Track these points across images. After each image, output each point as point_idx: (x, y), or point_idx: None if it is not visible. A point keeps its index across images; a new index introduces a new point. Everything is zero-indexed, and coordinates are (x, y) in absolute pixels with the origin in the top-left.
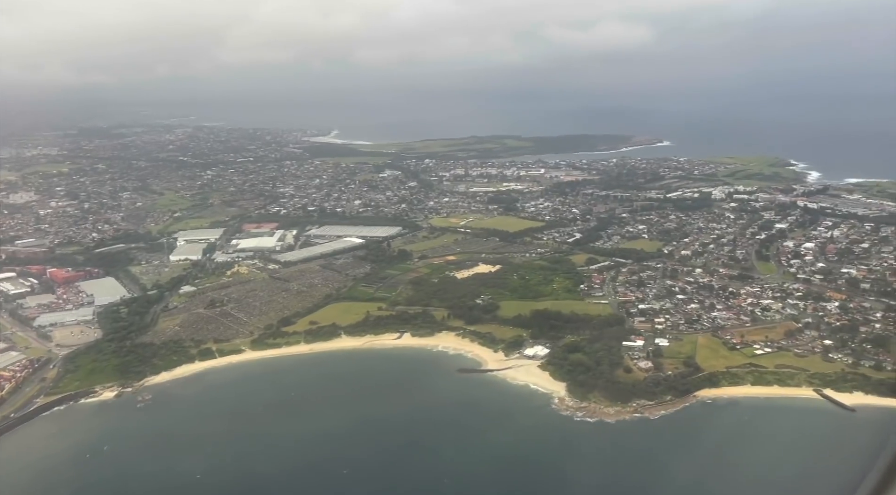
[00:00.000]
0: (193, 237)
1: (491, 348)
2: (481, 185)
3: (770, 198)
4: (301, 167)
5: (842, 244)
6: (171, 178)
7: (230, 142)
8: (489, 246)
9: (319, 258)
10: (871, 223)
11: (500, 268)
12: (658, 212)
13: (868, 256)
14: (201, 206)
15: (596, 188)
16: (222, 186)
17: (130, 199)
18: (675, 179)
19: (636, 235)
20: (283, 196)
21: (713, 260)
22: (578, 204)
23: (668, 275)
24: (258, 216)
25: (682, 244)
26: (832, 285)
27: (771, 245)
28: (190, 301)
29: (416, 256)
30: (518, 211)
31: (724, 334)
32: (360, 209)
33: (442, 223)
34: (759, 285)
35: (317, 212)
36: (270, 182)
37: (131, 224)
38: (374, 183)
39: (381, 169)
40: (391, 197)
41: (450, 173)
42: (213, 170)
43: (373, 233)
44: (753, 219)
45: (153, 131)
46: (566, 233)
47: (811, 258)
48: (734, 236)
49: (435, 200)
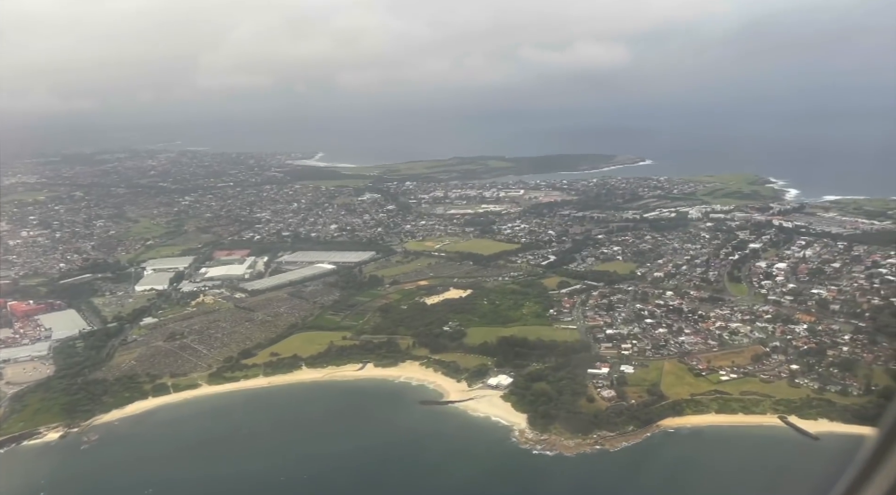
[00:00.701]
0: (162, 266)
1: (454, 378)
2: (460, 207)
3: (746, 216)
4: (280, 191)
5: (814, 264)
6: (148, 205)
7: (213, 166)
8: (462, 270)
9: (288, 285)
10: (844, 242)
11: (470, 294)
12: (634, 233)
13: (839, 276)
14: (175, 233)
15: (574, 209)
16: (199, 212)
17: (104, 227)
18: (653, 199)
19: (610, 257)
20: (259, 221)
21: (685, 282)
22: (555, 225)
23: (639, 299)
24: (231, 243)
25: (655, 265)
26: (802, 307)
27: (743, 265)
28: (150, 333)
29: (387, 282)
30: (494, 233)
31: (690, 360)
32: (336, 233)
33: (417, 247)
34: (729, 307)
35: (291, 238)
36: (248, 207)
37: (101, 253)
38: (353, 206)
39: (361, 192)
40: (368, 220)
41: (429, 195)
42: (192, 195)
43: (345, 258)
44: (728, 239)
45: (136, 157)
46: (541, 255)
47: (782, 279)
48: (708, 257)
49: (412, 223)
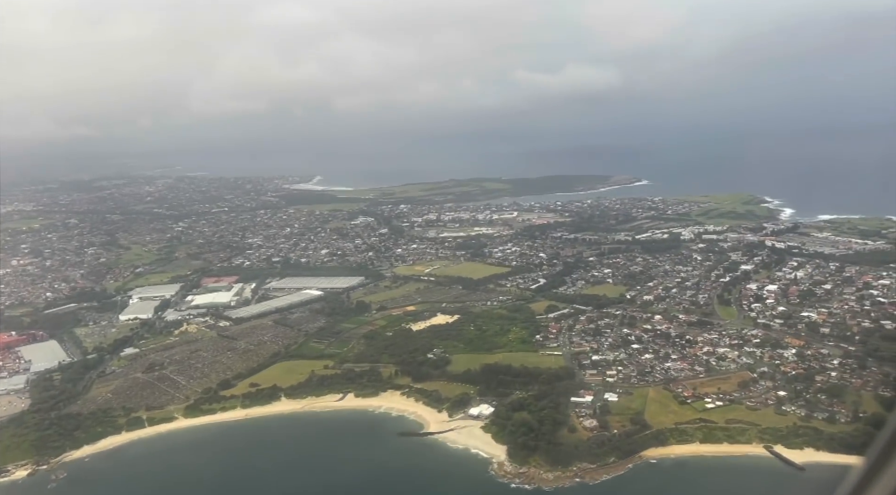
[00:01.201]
0: (148, 294)
1: (435, 408)
2: (452, 230)
3: (738, 237)
4: (274, 216)
5: (805, 286)
6: (141, 231)
7: (210, 192)
8: (451, 294)
9: (274, 313)
10: (836, 262)
11: (457, 319)
12: (625, 255)
13: (830, 298)
14: (166, 260)
15: (566, 231)
16: (191, 239)
17: (95, 255)
18: (646, 220)
19: (601, 280)
20: (250, 247)
21: (675, 305)
22: (546, 248)
23: (626, 323)
24: (220, 269)
25: (645, 288)
26: (791, 330)
27: (734, 288)
28: (129, 364)
29: (374, 308)
30: (485, 256)
31: (675, 387)
32: (326, 259)
33: (406, 271)
34: (718, 332)
35: (280, 264)
36: (240, 233)
37: (90, 281)
38: (345, 230)
39: (354, 216)
40: (360, 245)
41: (422, 218)
42: (186, 221)
43: (334, 284)
44: (720, 261)
45: (134, 183)
46: (530, 278)
47: (772, 301)
48: (699, 279)
49: (403, 247)
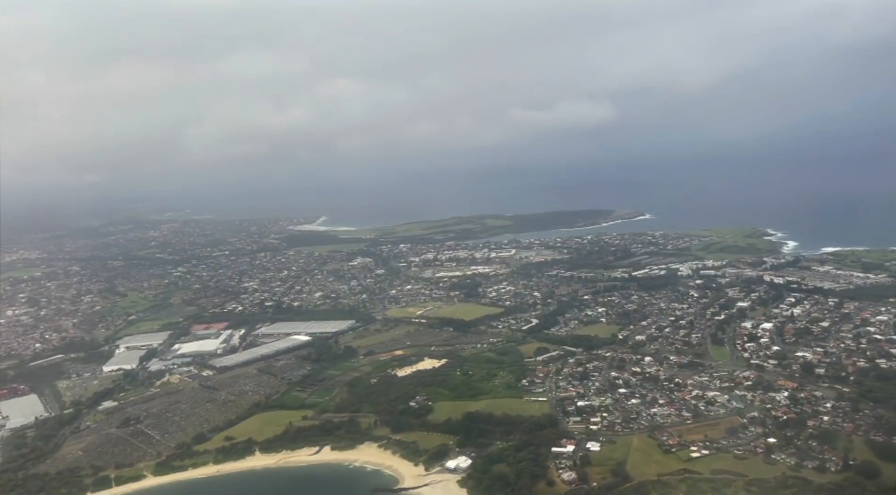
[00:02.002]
0: (136, 343)
1: (412, 461)
2: (449, 270)
3: (737, 273)
4: (273, 258)
5: (801, 323)
6: (139, 278)
7: (214, 235)
8: (441, 337)
9: (260, 360)
10: (835, 298)
11: (444, 363)
12: (621, 293)
13: (826, 337)
14: (161, 307)
15: (563, 268)
16: (189, 284)
17: (90, 303)
18: (645, 256)
19: (594, 319)
20: (245, 291)
21: (667, 345)
22: (542, 286)
23: (615, 366)
24: (212, 315)
25: (638, 328)
26: (785, 371)
27: (729, 326)
28: (106, 419)
29: (362, 353)
30: (479, 296)
31: (661, 434)
32: (320, 302)
33: (398, 314)
34: (709, 374)
35: (273, 308)
36: (238, 276)
37: (82, 330)
38: (342, 272)
39: (353, 256)
40: (355, 286)
41: (419, 258)
42: (185, 266)
43: (324, 328)
44: (716, 298)
45: (140, 228)
46: (523, 319)
47: (767, 340)
48: (693, 317)
49: (398, 288)
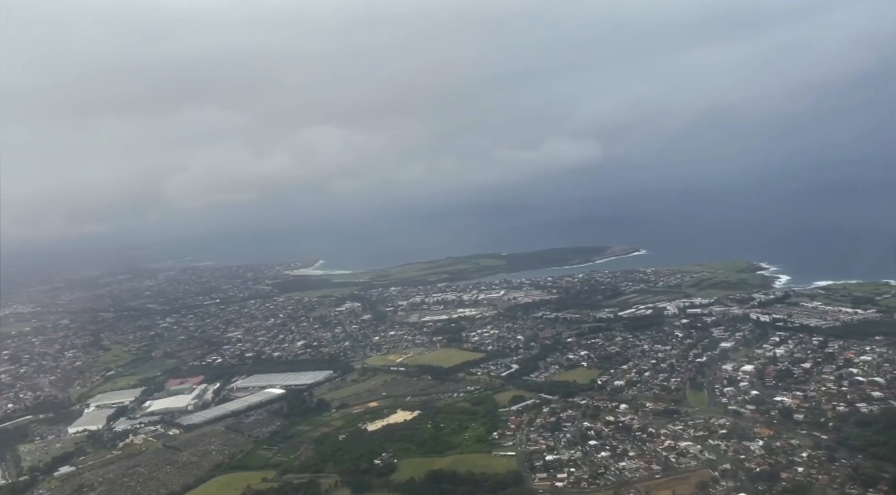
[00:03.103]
0: (107, 401)
1: None
2: (436, 314)
3: (723, 311)
4: (263, 306)
5: (783, 364)
6: (126, 330)
7: (210, 282)
8: (418, 386)
9: (230, 416)
10: (820, 336)
11: (417, 415)
12: (606, 334)
13: (807, 379)
14: (142, 360)
15: (549, 309)
16: (174, 335)
17: (72, 359)
18: (634, 294)
19: (575, 363)
20: (229, 341)
21: (645, 391)
22: (526, 329)
23: (589, 415)
24: (191, 368)
25: (619, 372)
26: (763, 418)
27: (709, 369)
28: (60, 486)
29: (334, 406)
30: (462, 341)
31: (627, 490)
32: (300, 351)
33: (378, 362)
34: (684, 422)
35: (252, 359)
36: (224, 326)
37: (57, 388)
38: (328, 319)
39: (342, 301)
40: (339, 333)
41: (407, 302)
42: (174, 316)
43: (300, 380)
44: (701, 337)
45: (137, 277)
46: (503, 364)
47: (746, 384)
48: (675, 360)
49: (381, 335)
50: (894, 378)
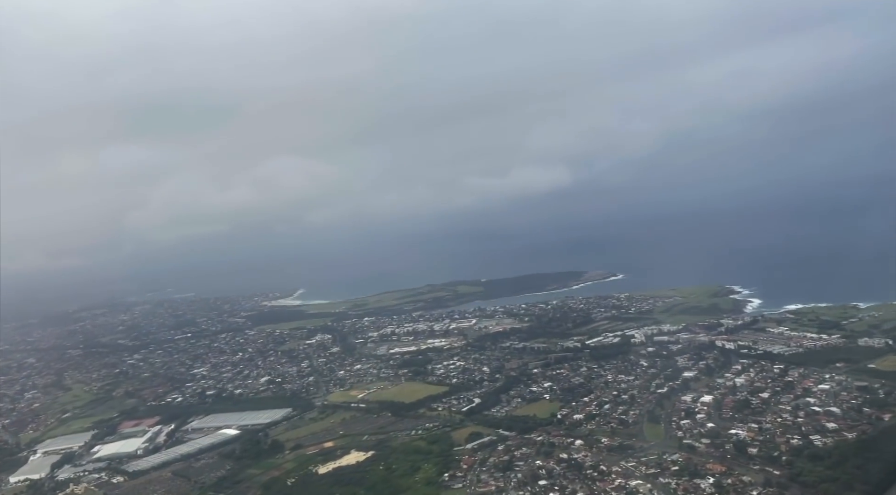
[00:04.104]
0: (56, 446)
1: None
2: (405, 345)
3: (690, 338)
4: (233, 339)
5: (742, 394)
6: (91, 368)
7: (185, 315)
8: (377, 424)
9: (179, 461)
10: (782, 364)
11: (371, 456)
12: (571, 365)
13: (764, 410)
14: (101, 401)
15: (518, 339)
16: (139, 372)
17: (30, 400)
18: (605, 321)
19: (538, 396)
20: (193, 378)
21: (603, 424)
22: (493, 360)
23: (543, 452)
24: (149, 409)
25: (580, 404)
26: (718, 452)
27: (668, 400)
28: None
29: (289, 447)
30: (427, 374)
31: None
32: (263, 388)
33: (340, 398)
34: (637, 458)
35: (213, 398)
36: (191, 362)
37: (9, 433)
38: (297, 352)
39: (314, 333)
40: (305, 368)
41: (378, 333)
42: (142, 352)
43: (257, 419)
44: (665, 367)
45: (113, 311)
46: (466, 398)
47: (703, 416)
48: (638, 390)
49: (347, 369)
50: (850, 408)
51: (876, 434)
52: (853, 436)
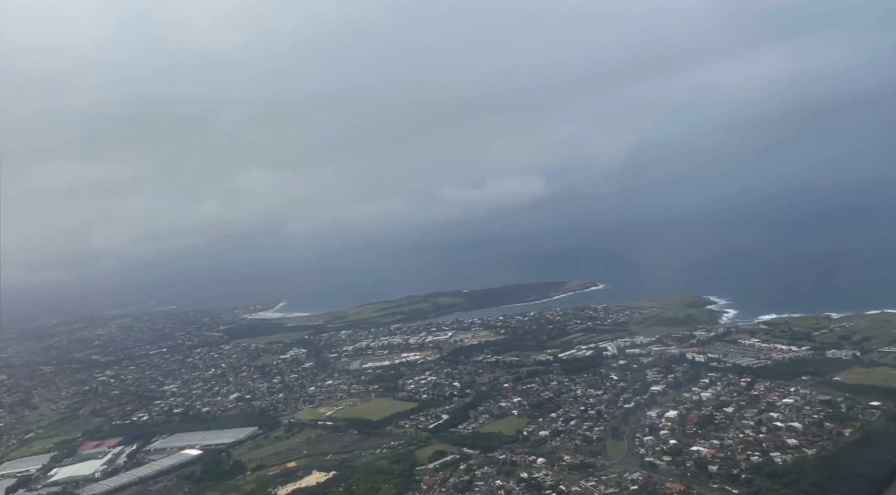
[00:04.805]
0: (11, 470)
1: None
2: (379, 359)
3: (661, 351)
4: (207, 354)
5: (707, 409)
6: (61, 385)
7: (164, 329)
8: (343, 442)
9: (137, 483)
10: (749, 377)
11: (332, 477)
12: (542, 379)
13: (727, 425)
14: (67, 420)
15: (493, 352)
16: (109, 389)
17: None
18: (580, 333)
19: (506, 412)
20: (163, 395)
21: (568, 441)
22: (465, 375)
23: (505, 472)
24: (113, 428)
25: (547, 421)
26: (679, 469)
27: (634, 416)
28: None
29: (251, 467)
30: (398, 390)
31: None
32: (231, 405)
33: (308, 415)
34: (598, 477)
35: (180, 416)
36: (163, 378)
37: None
38: (270, 368)
39: (289, 348)
40: (276, 384)
41: (353, 347)
42: (115, 368)
43: (221, 438)
44: (635, 380)
45: (92, 325)
46: (434, 415)
47: (667, 433)
48: (605, 405)
49: (318, 384)
50: (812, 422)
51: (835, 450)
52: (812, 453)
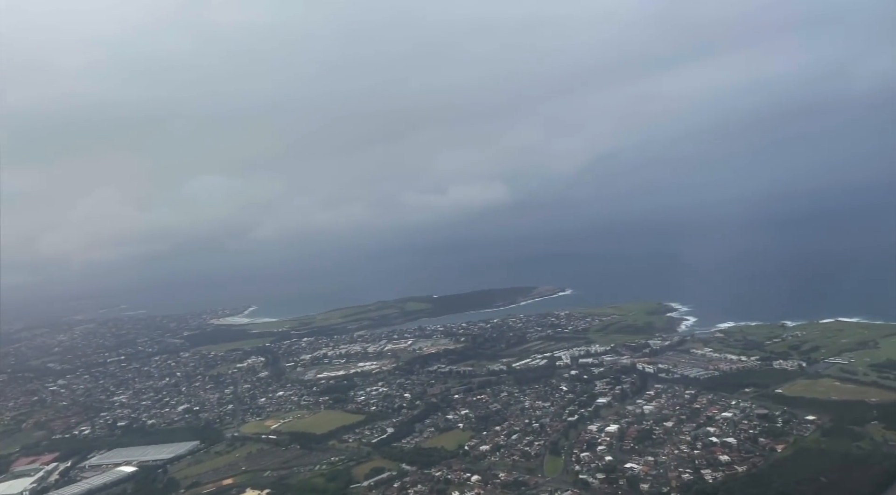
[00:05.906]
0: None
1: None
2: (334, 369)
3: (613, 360)
4: (164, 363)
5: (648, 423)
6: (9, 396)
7: (128, 335)
8: (283, 458)
9: None
10: (694, 389)
11: (265, 494)
12: (493, 390)
13: (665, 441)
14: (10, 432)
15: (449, 361)
16: (57, 400)
17: None
18: (539, 341)
19: (452, 425)
20: (112, 406)
21: (506, 457)
22: (417, 385)
23: (438, 490)
24: (52, 443)
25: (490, 434)
26: (611, 488)
27: (575, 430)
28: None
29: (185, 485)
30: (347, 402)
31: None
32: (178, 418)
33: (252, 429)
34: None
35: (124, 429)
36: (115, 388)
37: None
38: (224, 377)
39: (248, 356)
40: (227, 395)
41: (311, 355)
42: (69, 377)
43: (160, 454)
44: (584, 391)
45: (54, 331)
46: (379, 428)
47: (604, 448)
48: (550, 418)
49: (269, 396)
50: (747, 437)
51: (765, 467)
52: (743, 470)
